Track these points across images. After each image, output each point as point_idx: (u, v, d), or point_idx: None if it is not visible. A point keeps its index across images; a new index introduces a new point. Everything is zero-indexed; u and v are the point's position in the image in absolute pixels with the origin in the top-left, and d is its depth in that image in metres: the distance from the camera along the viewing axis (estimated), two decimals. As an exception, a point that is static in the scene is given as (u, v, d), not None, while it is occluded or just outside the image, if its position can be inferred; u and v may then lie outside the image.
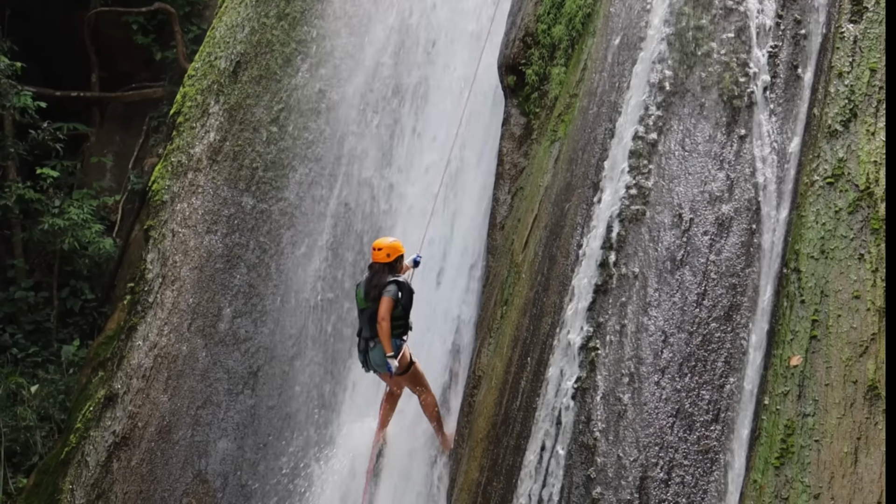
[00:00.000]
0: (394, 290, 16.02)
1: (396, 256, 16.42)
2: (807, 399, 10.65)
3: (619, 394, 11.93)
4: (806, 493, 10.19)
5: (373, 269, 16.43)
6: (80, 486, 18.52)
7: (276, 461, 19.03)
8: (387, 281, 16.11)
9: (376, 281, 16.20)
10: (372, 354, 16.23)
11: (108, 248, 27.15)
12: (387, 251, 16.33)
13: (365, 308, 16.30)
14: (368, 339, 16.23)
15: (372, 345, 16.17)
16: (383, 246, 16.41)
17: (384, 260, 16.29)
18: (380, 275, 16.23)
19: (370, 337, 16.19)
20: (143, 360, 19.36)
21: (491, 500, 13.16)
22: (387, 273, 16.25)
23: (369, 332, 16.19)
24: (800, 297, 11.22)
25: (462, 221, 18.85)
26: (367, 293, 16.24)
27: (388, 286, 16.03)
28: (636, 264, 12.59)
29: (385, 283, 16.08)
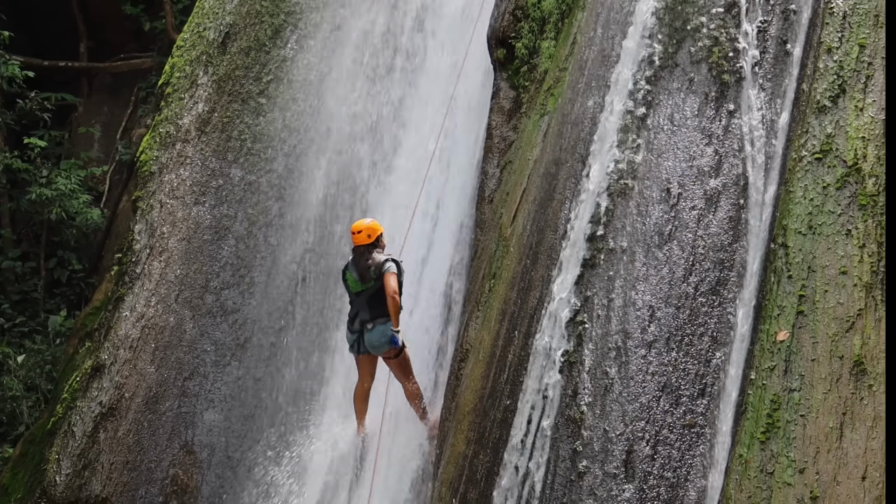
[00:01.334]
0: (392, 266, 16.07)
1: (377, 236, 16.41)
2: (793, 374, 10.69)
3: (606, 368, 11.96)
4: (791, 467, 10.23)
5: (357, 251, 16.41)
6: (66, 457, 18.52)
7: (263, 433, 19.04)
8: (381, 258, 16.11)
9: (367, 261, 16.19)
10: (368, 336, 16.17)
11: (95, 218, 27.13)
12: (367, 232, 16.31)
13: (362, 290, 16.27)
14: (367, 322, 16.16)
15: (370, 326, 16.12)
16: (363, 227, 16.40)
17: (366, 241, 16.28)
18: (367, 255, 16.23)
19: (370, 318, 16.13)
20: (131, 331, 19.34)
21: (477, 473, 13.18)
22: (374, 252, 16.24)
23: (368, 314, 16.14)
24: (787, 272, 11.25)
25: (451, 195, 18.82)
26: (363, 275, 16.21)
27: (386, 263, 16.06)
28: (624, 238, 12.61)
29: (381, 261, 16.08)
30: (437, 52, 20.83)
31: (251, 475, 18.70)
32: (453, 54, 20.11)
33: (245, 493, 18.55)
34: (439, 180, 18.97)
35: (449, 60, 20.23)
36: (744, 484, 10.47)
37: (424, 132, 19.86)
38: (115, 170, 29.01)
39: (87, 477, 18.36)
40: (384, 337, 16.07)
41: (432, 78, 20.56)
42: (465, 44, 19.19)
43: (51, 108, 28.26)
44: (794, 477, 10.17)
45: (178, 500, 18.45)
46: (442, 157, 19.03)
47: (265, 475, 18.72)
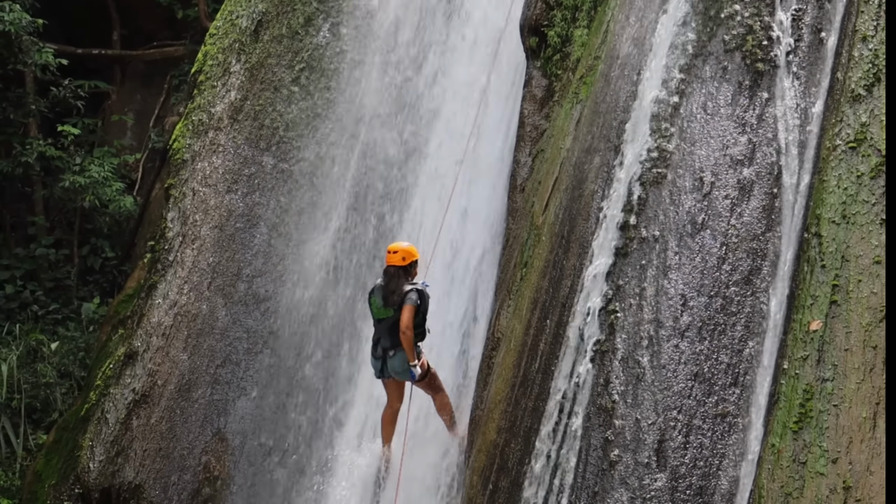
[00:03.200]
0: (415, 297, 15.72)
1: (411, 261, 16.09)
2: (826, 364, 10.65)
3: (638, 357, 11.94)
4: (824, 457, 10.20)
5: (388, 273, 16.09)
6: (99, 443, 18.60)
7: (295, 421, 19.08)
8: (406, 289, 15.82)
9: (393, 287, 15.89)
10: (391, 362, 15.97)
11: (128, 206, 27.20)
12: (402, 254, 15.99)
13: (384, 318, 16.03)
14: (388, 349, 15.96)
15: (392, 353, 15.90)
16: (399, 249, 16.09)
17: (399, 263, 15.95)
18: (396, 280, 15.90)
19: (391, 346, 15.91)
20: (163, 319, 19.40)
21: (509, 462, 13.19)
22: (403, 278, 15.93)
23: (389, 341, 15.90)
24: (820, 261, 11.20)
25: (482, 183, 18.81)
26: (386, 300, 15.95)
27: (408, 294, 15.73)
28: (656, 227, 12.58)
29: (405, 291, 15.78)
30: (470, 40, 20.79)
31: (284, 462, 18.76)
32: (486, 43, 20.08)
33: (277, 480, 18.59)
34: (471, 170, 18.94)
35: (481, 49, 20.20)
36: (776, 474, 10.44)
37: (457, 120, 19.86)
38: (147, 157, 29.09)
39: (121, 464, 18.44)
40: (406, 363, 15.86)
41: (465, 66, 20.54)
42: (498, 32, 19.15)
43: (84, 95, 28.35)
44: (826, 467, 10.14)
45: (210, 486, 18.51)
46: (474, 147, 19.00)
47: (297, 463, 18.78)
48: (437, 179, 19.67)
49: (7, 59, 26.72)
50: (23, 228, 28.20)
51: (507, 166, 17.89)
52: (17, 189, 28.06)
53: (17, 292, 26.76)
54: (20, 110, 27.47)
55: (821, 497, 10.04)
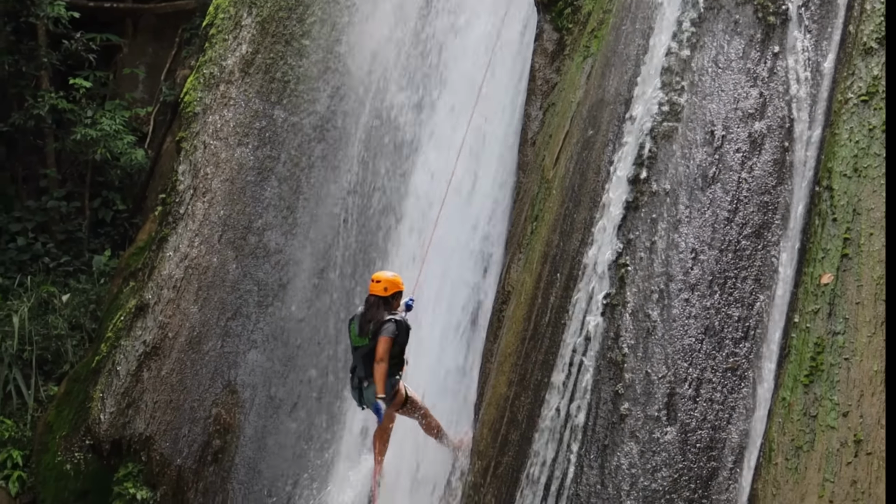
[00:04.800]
0: (392, 328, 15.24)
1: (394, 292, 15.62)
2: (837, 317, 10.64)
3: (649, 310, 11.94)
4: (835, 410, 10.20)
5: (368, 302, 15.64)
6: (110, 395, 18.67)
7: (305, 373, 19.13)
8: (384, 318, 15.32)
9: (370, 316, 15.45)
10: (366, 392, 15.46)
11: (139, 159, 27.20)
12: (385, 284, 15.56)
13: (360, 346, 15.55)
14: (363, 378, 15.48)
15: (366, 384, 15.41)
16: (382, 279, 15.66)
17: (381, 293, 15.51)
18: (374, 310, 15.46)
19: (365, 376, 15.44)
20: (174, 271, 19.43)
21: (519, 415, 13.21)
22: (382, 309, 15.43)
23: (363, 371, 15.44)
24: (832, 215, 11.17)
25: (493, 138, 18.77)
26: (362, 328, 15.49)
27: (385, 324, 15.26)
28: (667, 181, 12.55)
29: (382, 321, 15.30)
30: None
31: (294, 415, 18.82)
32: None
33: (287, 433, 18.66)
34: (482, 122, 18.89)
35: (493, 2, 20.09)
36: (787, 427, 10.45)
37: (468, 72, 19.77)
38: (159, 111, 29.04)
39: (131, 415, 18.52)
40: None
41: (476, 18, 20.44)
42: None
43: (96, 48, 28.32)
44: (837, 420, 10.15)
45: (220, 439, 18.59)
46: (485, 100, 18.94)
47: (307, 415, 18.83)
48: (447, 133, 19.61)
49: (19, 11, 26.71)
50: (34, 181, 28.22)
51: (517, 120, 17.84)
52: (28, 142, 28.06)
53: (29, 244, 26.82)
54: (32, 63, 27.46)
55: (832, 450, 10.06)
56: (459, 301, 17.70)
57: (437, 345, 17.45)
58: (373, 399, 15.29)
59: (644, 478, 11.23)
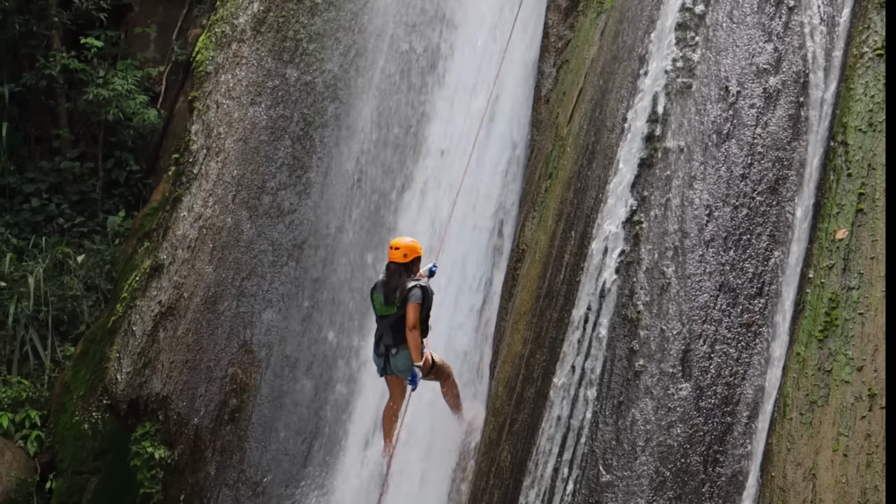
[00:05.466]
0: (419, 294, 15.13)
1: (413, 257, 15.46)
2: (852, 272, 10.65)
3: (663, 267, 11.96)
4: (849, 365, 10.22)
5: (389, 270, 15.50)
6: (126, 355, 18.73)
7: (321, 333, 19.17)
8: (409, 286, 15.22)
9: (395, 284, 15.31)
10: (394, 360, 15.42)
11: (152, 119, 27.19)
12: (404, 251, 15.36)
13: (386, 315, 15.45)
14: (391, 346, 15.39)
15: (394, 351, 15.33)
16: (401, 245, 15.46)
17: (401, 260, 15.35)
18: (397, 277, 15.33)
19: (393, 344, 15.36)
20: (189, 231, 19.44)
21: (534, 372, 13.26)
22: (404, 275, 15.32)
23: (392, 339, 15.35)
24: (847, 170, 11.16)
25: (507, 95, 18.73)
26: (387, 297, 15.37)
27: (412, 291, 15.16)
28: (682, 138, 12.54)
29: (408, 288, 15.20)
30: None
31: (309, 373, 18.88)
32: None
33: (303, 392, 18.72)
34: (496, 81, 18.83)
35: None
36: (801, 382, 10.48)
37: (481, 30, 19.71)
38: (171, 70, 28.98)
39: (148, 375, 18.58)
40: (410, 361, 15.23)
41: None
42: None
43: (107, 7, 28.23)
44: (852, 375, 10.17)
45: (237, 398, 18.66)
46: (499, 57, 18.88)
47: (323, 374, 18.89)
48: (461, 90, 19.57)
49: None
50: (47, 141, 28.25)
51: (531, 77, 17.81)
52: (41, 102, 28.07)
53: (43, 205, 26.88)
54: (43, 23, 27.42)
55: (846, 405, 10.08)
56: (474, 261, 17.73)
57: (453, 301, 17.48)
58: (401, 366, 15.30)
59: (659, 434, 11.27)
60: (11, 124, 27.28)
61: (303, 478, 18.25)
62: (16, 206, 26.86)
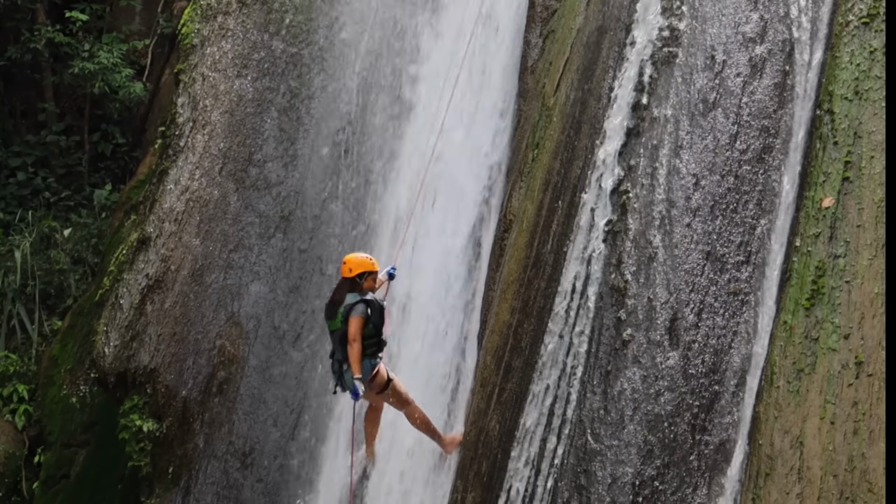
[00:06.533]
0: (362, 308, 14.74)
1: (360, 272, 15.00)
2: (838, 240, 10.67)
3: (650, 236, 11.97)
4: (836, 333, 10.25)
5: (338, 284, 15.31)
6: (114, 328, 18.71)
7: (309, 304, 19.18)
8: (353, 300, 14.87)
9: (335, 297, 15.15)
10: (346, 376, 15.03)
11: (138, 92, 27.11)
12: (350, 266, 14.98)
13: (335, 329, 15.11)
14: (342, 361, 15.05)
15: (345, 367, 14.99)
16: (348, 261, 15.07)
17: (347, 275, 15.01)
18: (340, 291, 15.12)
19: (343, 359, 15.04)
20: (175, 204, 19.42)
21: (522, 342, 13.28)
22: (346, 290, 15.02)
23: (342, 353, 15.03)
24: (833, 138, 11.18)
25: (493, 66, 18.71)
26: (328, 312, 15.22)
27: (356, 305, 14.79)
28: (668, 107, 12.55)
29: (352, 303, 14.85)
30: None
31: (297, 345, 18.89)
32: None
33: (291, 363, 18.74)
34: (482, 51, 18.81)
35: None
36: (788, 350, 10.51)
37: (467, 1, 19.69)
38: (156, 43, 28.86)
39: (136, 348, 18.57)
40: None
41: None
42: None
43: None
44: (839, 342, 10.20)
45: (225, 370, 18.67)
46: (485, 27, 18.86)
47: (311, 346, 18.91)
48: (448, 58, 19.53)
49: (14, -57, 26.60)
50: (33, 115, 28.18)
51: (517, 47, 17.79)
52: (26, 76, 27.99)
53: (29, 179, 26.83)
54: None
55: (833, 373, 10.12)
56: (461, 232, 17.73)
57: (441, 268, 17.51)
58: (350, 382, 15.02)
59: (647, 402, 11.31)
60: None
61: (291, 450, 18.28)
62: (2, 181, 26.80)
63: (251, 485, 18.16)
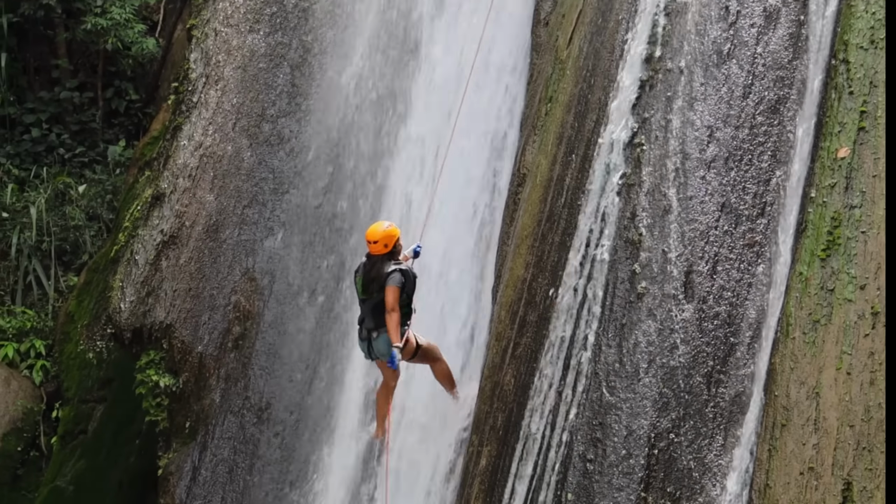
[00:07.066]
0: (398, 278, 14.88)
1: (393, 244, 15.13)
2: (854, 191, 10.62)
3: (665, 189, 11.93)
4: (852, 283, 10.22)
5: (370, 259, 15.24)
6: (130, 284, 18.76)
7: (323, 259, 19.19)
8: (388, 270, 14.98)
9: (376, 273, 15.07)
10: (376, 344, 15.21)
11: (150, 48, 27.09)
12: (383, 241, 15.02)
13: (367, 298, 15.24)
14: (372, 330, 15.19)
15: (375, 335, 15.14)
16: (378, 237, 15.05)
17: (382, 251, 15.03)
18: (379, 265, 15.06)
19: (374, 327, 15.15)
20: (189, 160, 19.42)
21: (536, 296, 13.27)
22: (386, 262, 15.07)
23: (373, 322, 15.15)
24: (848, 88, 11.11)
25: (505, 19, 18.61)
26: (367, 285, 15.17)
27: (391, 275, 14.90)
28: (682, 59, 12.48)
29: (386, 273, 14.96)
30: None
31: (312, 301, 18.92)
32: None
33: (306, 319, 18.76)
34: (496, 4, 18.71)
35: None
36: (804, 301, 10.49)
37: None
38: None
39: (151, 304, 18.63)
40: (388, 348, 15.12)
41: None
42: None
43: (103, -64, 28.12)
44: (854, 293, 10.17)
45: (240, 325, 18.71)
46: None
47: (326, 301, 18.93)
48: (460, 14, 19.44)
49: None
50: (46, 71, 28.17)
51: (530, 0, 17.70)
52: (39, 32, 27.95)
53: (44, 135, 26.87)
54: (39, -48, 27.32)
55: (849, 323, 10.09)
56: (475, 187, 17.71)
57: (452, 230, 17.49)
58: (383, 349, 15.18)
59: (662, 355, 11.30)
60: (10, 55, 27.21)
61: (307, 404, 18.34)
62: (16, 137, 26.86)
63: (267, 439, 18.25)
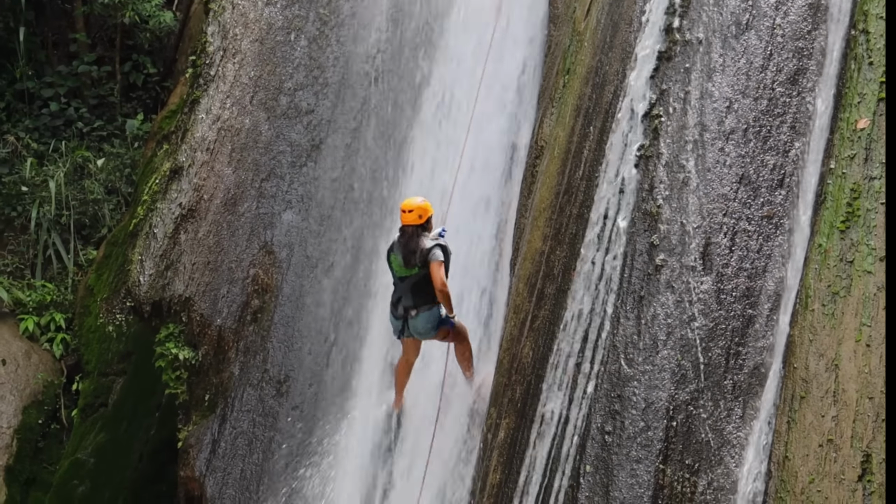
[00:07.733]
0: (440, 253, 15.12)
1: (428, 217, 15.38)
2: (874, 162, 10.57)
3: (683, 161, 11.90)
4: (872, 255, 10.18)
5: (406, 232, 15.43)
6: (148, 257, 18.79)
7: (340, 233, 19.18)
8: (428, 246, 15.21)
9: (413, 246, 15.27)
10: (413, 322, 15.44)
11: (168, 21, 27.10)
12: (418, 212, 15.28)
13: (406, 276, 15.47)
14: (410, 308, 15.43)
15: (413, 313, 15.37)
16: (413, 207, 15.33)
17: (416, 222, 15.27)
18: (416, 239, 15.28)
19: (413, 305, 15.39)
20: (207, 133, 19.42)
21: (554, 269, 13.25)
22: (422, 235, 15.29)
23: (412, 300, 15.41)
24: (868, 59, 11.05)
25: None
26: (407, 260, 15.32)
27: (432, 251, 15.14)
28: (700, 29, 12.42)
29: (427, 248, 15.18)
30: None
31: (330, 274, 18.92)
32: None
33: (324, 292, 18.78)
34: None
35: None
36: (823, 273, 10.45)
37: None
38: (185, -29, 28.86)
39: (170, 277, 18.66)
40: (429, 324, 15.41)
41: None
42: None
43: None
44: (874, 265, 10.13)
45: (259, 298, 18.73)
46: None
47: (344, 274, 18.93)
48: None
49: None
50: (64, 46, 28.20)
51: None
52: (56, 6, 28.00)
53: (62, 110, 26.93)
54: (56, -75, 27.33)
55: (868, 295, 10.06)
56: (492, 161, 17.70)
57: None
58: (420, 328, 15.42)
59: (680, 328, 11.28)
60: (28, 29, 27.22)
61: (325, 377, 18.36)
62: (35, 111, 26.92)
63: (287, 412, 18.27)
